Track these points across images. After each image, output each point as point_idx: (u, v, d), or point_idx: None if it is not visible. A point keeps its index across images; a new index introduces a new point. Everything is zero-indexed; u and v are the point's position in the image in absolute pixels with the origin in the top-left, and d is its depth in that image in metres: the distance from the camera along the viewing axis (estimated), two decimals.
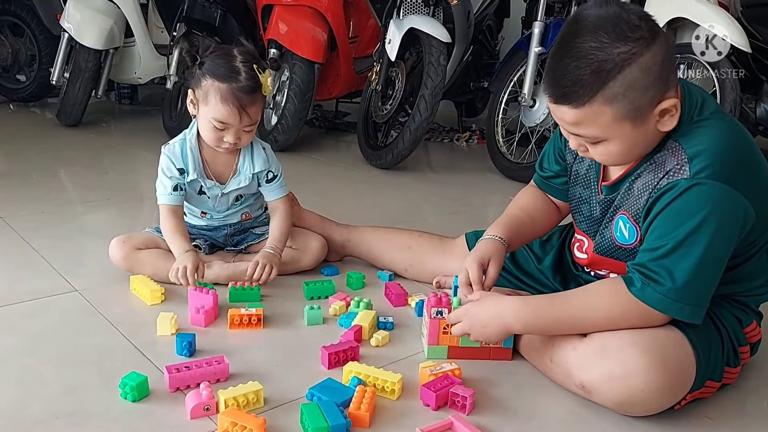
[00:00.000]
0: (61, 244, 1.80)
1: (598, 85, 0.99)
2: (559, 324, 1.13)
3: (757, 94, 2.76)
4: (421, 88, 2.67)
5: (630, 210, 1.16)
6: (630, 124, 1.03)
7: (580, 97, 1.01)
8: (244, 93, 1.43)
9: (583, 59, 0.99)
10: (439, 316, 1.23)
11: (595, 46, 0.99)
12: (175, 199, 1.53)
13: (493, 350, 1.25)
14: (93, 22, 3.31)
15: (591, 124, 1.04)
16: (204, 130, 1.50)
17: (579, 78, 1.00)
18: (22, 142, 3.18)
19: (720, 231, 1.02)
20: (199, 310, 1.35)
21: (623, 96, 1.00)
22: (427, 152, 3.45)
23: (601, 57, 0.99)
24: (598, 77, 0.99)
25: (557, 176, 1.38)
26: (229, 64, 1.44)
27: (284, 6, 3.06)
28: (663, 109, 1.03)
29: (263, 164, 1.57)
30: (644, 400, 1.04)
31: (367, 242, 1.71)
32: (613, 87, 0.99)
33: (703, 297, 1.05)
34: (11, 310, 1.40)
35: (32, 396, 1.09)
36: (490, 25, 3.61)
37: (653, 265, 1.04)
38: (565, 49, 1.02)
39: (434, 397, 1.08)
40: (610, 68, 0.98)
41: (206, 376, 1.13)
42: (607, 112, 1.02)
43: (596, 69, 0.99)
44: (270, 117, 3.18)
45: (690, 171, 1.03)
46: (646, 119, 1.04)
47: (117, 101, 4.51)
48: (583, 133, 1.06)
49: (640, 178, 1.13)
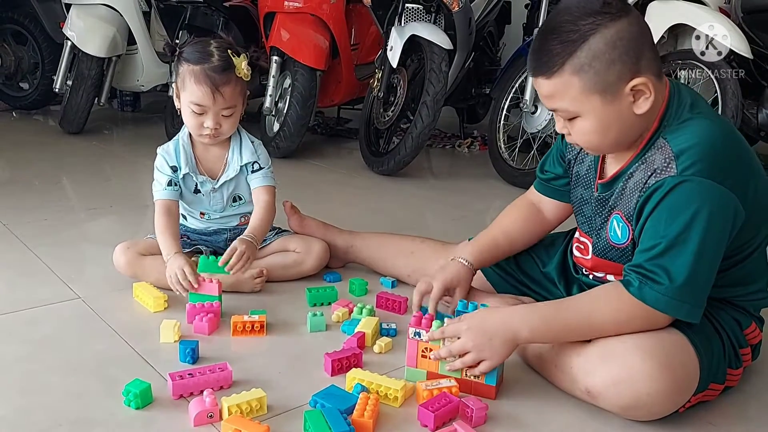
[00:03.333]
0: (64, 251, 1.81)
1: (565, 55, 1.05)
2: (567, 331, 1.12)
3: (759, 99, 2.76)
4: (423, 95, 2.67)
5: (623, 210, 1.17)
6: (599, 99, 1.06)
7: (551, 67, 1.06)
8: (216, 73, 1.46)
9: (555, 32, 1.06)
10: (417, 337, 1.16)
11: (566, 19, 1.06)
12: (169, 194, 1.55)
13: (474, 384, 1.14)
14: (96, 30, 3.33)
15: (563, 96, 1.08)
16: (185, 118, 1.53)
17: (550, 49, 1.06)
18: (24, 150, 3.19)
19: (711, 227, 1.02)
20: (202, 318, 1.35)
21: (589, 66, 1.04)
22: (428, 158, 3.45)
23: (569, 28, 1.05)
24: (565, 47, 1.05)
25: (558, 178, 1.39)
26: (203, 48, 1.49)
27: (286, 13, 3.07)
28: (635, 88, 1.05)
29: (251, 155, 1.59)
30: (650, 403, 1.04)
31: (369, 248, 1.71)
32: (579, 56, 1.04)
33: (700, 295, 1.06)
34: (14, 317, 1.41)
35: (36, 403, 1.09)
36: (492, 31, 3.62)
37: (650, 264, 1.05)
38: (544, 26, 1.10)
39: (432, 417, 1.05)
40: (576, 38, 1.04)
41: (209, 383, 1.13)
42: (576, 83, 1.06)
43: (564, 39, 1.05)
44: (272, 124, 3.18)
45: (677, 168, 1.04)
46: (616, 96, 1.06)
47: (119, 108, 4.52)
48: (558, 106, 1.10)
49: (633, 178, 1.14)
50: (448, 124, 3.99)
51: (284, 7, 3.07)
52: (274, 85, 3.05)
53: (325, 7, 3.09)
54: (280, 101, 3.11)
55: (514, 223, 1.44)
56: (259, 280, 1.57)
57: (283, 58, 3.05)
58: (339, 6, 3.16)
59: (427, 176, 3.09)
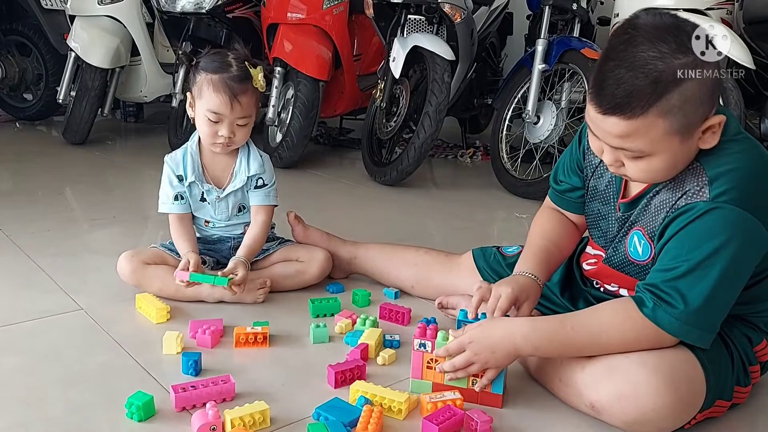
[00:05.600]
0: (67, 262, 1.80)
1: (655, 97, 0.95)
2: (571, 347, 1.10)
3: (761, 110, 2.77)
4: (426, 105, 2.68)
5: (646, 227, 1.14)
6: (679, 139, 1.00)
7: (635, 109, 0.96)
8: (234, 82, 1.49)
9: (640, 69, 0.95)
10: (422, 348, 1.15)
11: (653, 55, 0.95)
12: (177, 208, 1.59)
13: (481, 395, 1.14)
14: (99, 41, 3.34)
15: (641, 138, 0.99)
16: (200, 127, 1.55)
17: (635, 88, 0.95)
18: (28, 161, 3.20)
19: (738, 258, 1.00)
20: (205, 331, 1.34)
21: (679, 109, 0.97)
22: (431, 169, 3.45)
23: (660, 67, 0.95)
24: (656, 88, 0.95)
25: (574, 189, 1.33)
26: (221, 59, 1.53)
27: (289, 25, 3.09)
28: (709, 125, 1.01)
29: (258, 168, 1.61)
30: (655, 419, 1.03)
31: (372, 259, 1.70)
32: (671, 99, 0.96)
33: (714, 322, 1.04)
34: (16, 328, 1.40)
35: (37, 416, 1.08)
36: (494, 42, 3.63)
37: (666, 286, 1.03)
38: (618, 58, 0.97)
39: (436, 430, 1.04)
40: (670, 80, 0.95)
41: (212, 396, 1.12)
42: (660, 126, 0.97)
43: (655, 79, 0.95)
44: (275, 134, 3.19)
45: (710, 194, 1.01)
46: (692, 135, 1.01)
47: (123, 119, 4.53)
48: (629, 146, 1.01)
49: (658, 196, 1.11)
50: (451, 135, 4.00)
51: (287, 19, 3.08)
52: (277, 95, 3.05)
53: (328, 19, 3.10)
54: (282, 111, 3.12)
55: (554, 228, 1.35)
56: (261, 292, 1.56)
57: (286, 69, 3.06)
58: (342, 17, 3.17)
59: (430, 186, 3.09)
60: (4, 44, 4.09)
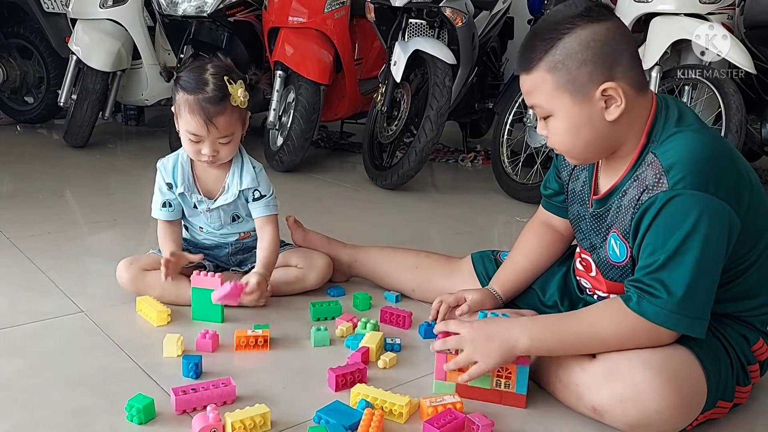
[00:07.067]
0: (67, 265, 1.80)
1: (542, 52, 1.09)
2: (568, 344, 1.11)
3: (762, 114, 2.77)
4: (427, 109, 2.68)
5: (620, 228, 1.16)
6: (570, 98, 1.09)
7: (530, 62, 1.11)
8: (210, 104, 1.43)
9: (537, 32, 1.12)
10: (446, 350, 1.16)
11: (548, 20, 1.11)
12: (164, 215, 1.57)
13: (504, 394, 1.16)
14: (101, 44, 3.35)
15: (538, 93, 1.12)
16: (183, 143, 1.53)
17: (532, 45, 1.11)
18: (28, 163, 3.20)
19: (708, 238, 1.02)
20: (205, 336, 1.34)
21: (562, 64, 1.08)
22: (432, 173, 3.45)
23: (550, 28, 1.10)
24: (543, 43, 1.09)
25: (557, 194, 1.40)
26: (198, 76, 1.45)
27: (290, 28, 3.09)
28: (606, 93, 1.07)
29: (251, 182, 1.56)
30: (658, 421, 1.03)
31: (373, 263, 1.70)
32: (554, 54, 1.08)
33: (701, 308, 1.04)
34: (17, 331, 1.40)
35: (38, 419, 1.08)
36: (495, 47, 3.64)
37: (648, 279, 1.05)
38: (531, 29, 1.16)
39: None
40: (553, 36, 1.08)
41: (213, 399, 1.12)
42: (549, 80, 1.09)
43: (542, 37, 1.10)
44: (276, 138, 3.19)
45: (668, 183, 1.04)
46: (586, 97, 1.08)
47: (123, 122, 4.53)
48: (534, 102, 1.14)
49: (626, 195, 1.14)
50: (452, 139, 4.00)
51: (288, 22, 3.09)
52: (277, 99, 3.05)
53: (329, 22, 3.11)
54: (283, 115, 3.12)
55: (534, 243, 1.45)
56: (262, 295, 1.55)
57: (287, 73, 3.07)
58: (343, 21, 3.18)
59: (431, 190, 3.09)
60: (5, 47, 4.09)
